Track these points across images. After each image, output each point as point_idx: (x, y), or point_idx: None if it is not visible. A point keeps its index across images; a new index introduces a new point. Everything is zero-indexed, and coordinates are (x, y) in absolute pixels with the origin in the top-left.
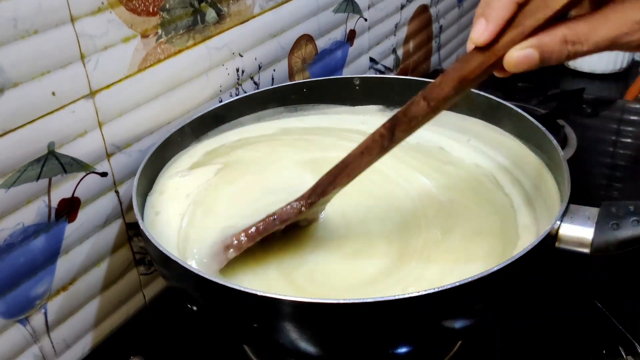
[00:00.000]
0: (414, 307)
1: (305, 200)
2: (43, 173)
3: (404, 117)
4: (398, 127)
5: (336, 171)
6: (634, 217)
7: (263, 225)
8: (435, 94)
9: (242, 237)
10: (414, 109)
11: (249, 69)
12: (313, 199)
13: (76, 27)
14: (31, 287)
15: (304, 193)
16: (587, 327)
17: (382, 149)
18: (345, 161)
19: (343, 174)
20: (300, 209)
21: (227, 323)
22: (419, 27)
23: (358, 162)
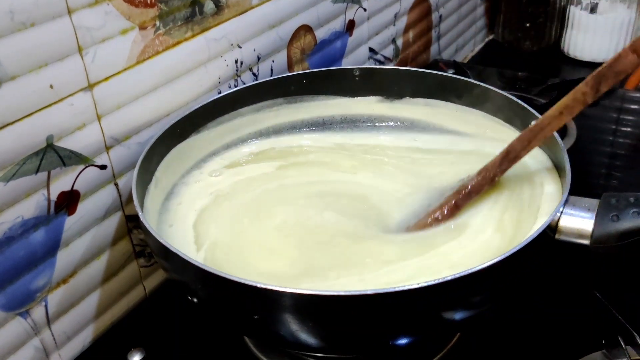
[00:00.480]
0: (413, 299)
1: (497, 167)
2: (42, 166)
3: (611, 71)
4: (604, 82)
5: (530, 135)
6: (634, 208)
7: (460, 199)
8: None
9: (445, 211)
10: (623, 62)
11: (248, 60)
12: (505, 166)
13: (73, 20)
14: (31, 280)
15: (493, 160)
16: (587, 318)
17: (584, 107)
18: (541, 124)
19: (538, 137)
20: (494, 177)
21: (228, 315)
22: (419, 17)
23: (556, 123)
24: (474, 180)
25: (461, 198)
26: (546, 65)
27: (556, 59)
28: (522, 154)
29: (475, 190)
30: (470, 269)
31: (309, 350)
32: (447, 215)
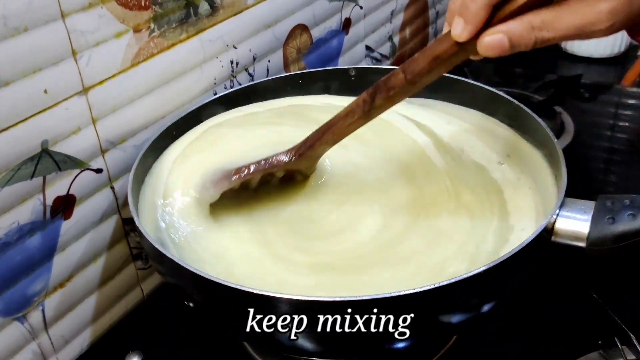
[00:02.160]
0: (410, 303)
1: (295, 150)
2: (37, 171)
3: (384, 86)
4: (378, 94)
5: (324, 128)
6: (629, 211)
7: (255, 167)
8: (412, 68)
9: (242, 172)
10: (393, 79)
11: (244, 61)
12: (302, 150)
13: (67, 24)
14: (28, 285)
15: (295, 145)
16: (584, 319)
17: (364, 114)
18: (332, 121)
19: (329, 132)
20: (291, 158)
21: (223, 320)
22: (415, 14)
23: (342, 123)
24: (276, 156)
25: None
26: (543, 60)
27: (553, 54)
28: (317, 145)
29: (272, 165)
30: (468, 273)
31: (306, 354)
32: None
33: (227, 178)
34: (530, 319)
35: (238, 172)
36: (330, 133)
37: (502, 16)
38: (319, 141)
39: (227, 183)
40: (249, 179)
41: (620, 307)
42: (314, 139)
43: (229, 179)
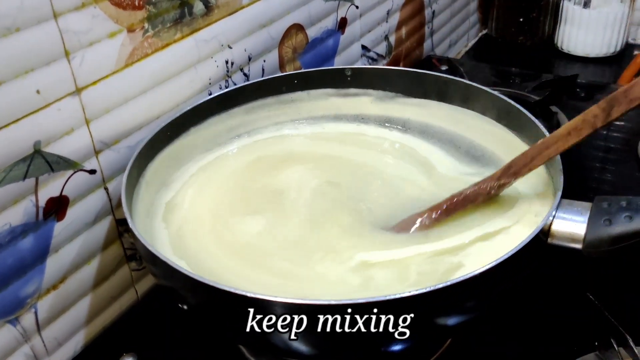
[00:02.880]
0: (406, 306)
1: (495, 181)
2: (29, 172)
3: (625, 97)
4: (617, 106)
5: (534, 152)
6: (626, 212)
7: (451, 205)
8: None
9: (433, 215)
10: (638, 90)
11: (239, 61)
12: (504, 180)
13: (59, 24)
14: (21, 287)
15: (493, 173)
16: (580, 320)
17: (593, 130)
18: (547, 142)
19: (542, 155)
20: (490, 191)
21: (217, 323)
22: (411, 13)
23: (562, 144)
24: (469, 190)
25: (453, 204)
26: (540, 60)
27: (550, 53)
28: (524, 171)
29: (470, 200)
30: (464, 275)
31: (302, 357)
32: (434, 220)
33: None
34: (526, 320)
35: (435, 213)
36: (543, 157)
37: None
38: (527, 167)
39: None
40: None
41: (617, 309)
42: (520, 165)
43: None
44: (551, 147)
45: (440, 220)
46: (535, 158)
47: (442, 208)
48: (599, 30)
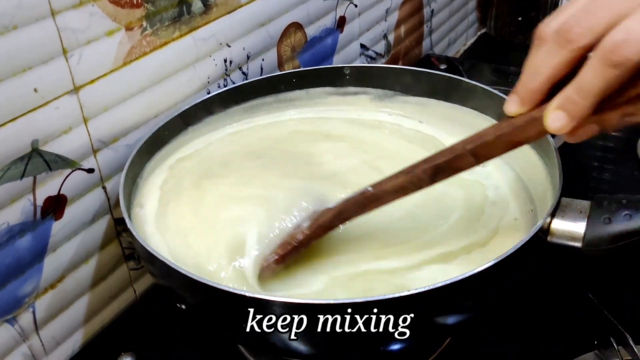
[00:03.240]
0: (406, 305)
1: (328, 222)
2: (27, 171)
3: (449, 167)
4: (440, 175)
5: (364, 201)
6: (625, 211)
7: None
8: (486, 152)
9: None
10: (461, 162)
11: (237, 59)
12: (336, 223)
13: (57, 22)
14: (18, 286)
15: (324, 218)
16: (580, 319)
17: (417, 190)
18: (377, 195)
19: (371, 206)
20: (316, 232)
21: (216, 323)
22: (410, 12)
23: (389, 198)
24: (300, 235)
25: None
26: None
27: None
28: (353, 217)
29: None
30: (463, 274)
31: (300, 357)
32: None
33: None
34: (526, 320)
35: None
36: (372, 207)
37: (599, 109)
38: (357, 214)
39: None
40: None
41: (617, 308)
42: (350, 212)
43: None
44: (380, 200)
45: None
46: (365, 208)
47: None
48: None
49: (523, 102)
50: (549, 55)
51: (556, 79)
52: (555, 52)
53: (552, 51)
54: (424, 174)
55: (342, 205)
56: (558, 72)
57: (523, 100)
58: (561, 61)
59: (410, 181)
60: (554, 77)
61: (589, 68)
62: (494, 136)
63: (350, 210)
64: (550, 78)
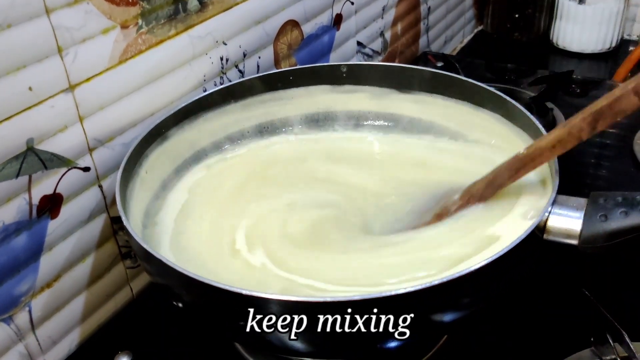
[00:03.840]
0: (402, 303)
1: (481, 193)
2: (22, 170)
3: (610, 110)
4: (602, 120)
5: (519, 165)
6: (622, 208)
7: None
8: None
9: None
10: (624, 102)
11: (234, 57)
12: (489, 192)
13: (52, 20)
14: (14, 286)
15: (477, 186)
16: (576, 316)
17: (578, 142)
18: (532, 154)
19: (527, 167)
20: (476, 202)
21: (213, 321)
22: (407, 9)
23: (547, 156)
24: (456, 205)
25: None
26: (535, 55)
27: (545, 49)
28: (508, 183)
29: (458, 212)
30: (459, 272)
31: (297, 354)
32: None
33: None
34: (522, 317)
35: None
36: (528, 169)
37: None
38: (512, 179)
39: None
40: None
41: (613, 305)
42: (505, 177)
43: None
44: (536, 159)
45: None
46: (520, 170)
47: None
48: (594, 26)
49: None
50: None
51: None
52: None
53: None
54: (584, 122)
55: (494, 172)
56: None
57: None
58: None
59: (569, 132)
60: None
61: None
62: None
63: (504, 176)
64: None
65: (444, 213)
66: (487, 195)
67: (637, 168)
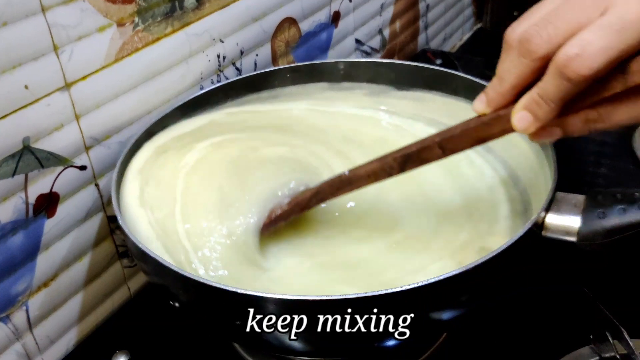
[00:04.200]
0: (399, 301)
1: (306, 202)
2: (19, 169)
3: (417, 157)
4: (409, 164)
5: (339, 184)
6: (620, 205)
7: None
8: (452, 146)
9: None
10: (429, 153)
11: (231, 55)
12: (313, 203)
13: (48, 18)
14: (11, 285)
15: (303, 197)
16: (575, 313)
17: (388, 177)
18: (350, 178)
19: (345, 188)
20: (294, 209)
21: (209, 320)
22: (405, 7)
23: (362, 182)
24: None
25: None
26: None
27: None
28: (329, 197)
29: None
30: (458, 269)
31: (294, 354)
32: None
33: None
34: (521, 314)
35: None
36: (346, 190)
37: (563, 112)
38: (333, 195)
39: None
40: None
41: (612, 302)
42: (326, 193)
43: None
44: (353, 184)
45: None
46: (337, 190)
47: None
48: None
49: (489, 103)
50: (513, 63)
51: (522, 85)
52: (518, 61)
53: (515, 60)
54: (394, 162)
55: (319, 186)
56: (523, 80)
57: (490, 101)
58: (524, 70)
59: (382, 168)
60: (519, 84)
61: (548, 77)
62: (461, 130)
63: (326, 192)
64: (515, 84)
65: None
66: (309, 206)
67: (636, 165)
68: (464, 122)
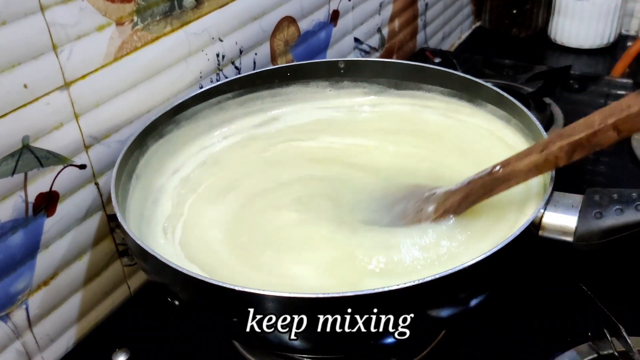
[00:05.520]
0: (398, 299)
1: (455, 209)
2: (18, 168)
3: (587, 142)
4: (578, 152)
5: (493, 184)
6: (617, 205)
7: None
8: (630, 126)
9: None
10: (601, 137)
11: (230, 54)
12: (462, 209)
13: (47, 17)
14: (11, 284)
15: (452, 201)
16: (573, 310)
17: (553, 169)
18: (507, 175)
19: (501, 187)
20: (449, 216)
21: (208, 317)
22: (405, 5)
23: (522, 178)
24: (430, 219)
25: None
26: (533, 51)
27: (543, 45)
28: (481, 200)
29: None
30: (455, 267)
31: (293, 351)
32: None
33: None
34: (519, 312)
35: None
36: (503, 188)
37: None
38: (486, 195)
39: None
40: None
41: (610, 299)
42: (479, 194)
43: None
44: (511, 181)
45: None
46: (494, 189)
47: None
48: (592, 21)
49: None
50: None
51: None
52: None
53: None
54: (561, 152)
55: (468, 188)
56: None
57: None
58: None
59: (546, 159)
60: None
61: None
62: (636, 105)
63: (479, 192)
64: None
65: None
66: (460, 211)
67: (635, 164)
68: (635, 96)
